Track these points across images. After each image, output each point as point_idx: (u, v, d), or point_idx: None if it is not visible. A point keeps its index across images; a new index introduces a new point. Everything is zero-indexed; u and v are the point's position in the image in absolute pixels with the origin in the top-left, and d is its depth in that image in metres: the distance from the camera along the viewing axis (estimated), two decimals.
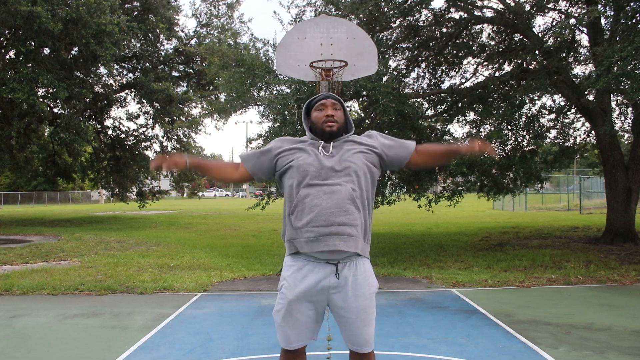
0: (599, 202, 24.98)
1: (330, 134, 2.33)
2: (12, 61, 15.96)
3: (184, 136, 21.07)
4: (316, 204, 2.21)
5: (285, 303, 2.29)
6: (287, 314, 2.29)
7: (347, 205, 2.22)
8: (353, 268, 2.29)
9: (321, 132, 2.34)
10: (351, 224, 2.22)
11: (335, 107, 2.37)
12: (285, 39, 6.08)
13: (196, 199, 35.67)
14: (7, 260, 9.37)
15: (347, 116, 2.42)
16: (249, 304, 5.94)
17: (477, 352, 4.11)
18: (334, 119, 2.34)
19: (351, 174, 2.26)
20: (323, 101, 2.38)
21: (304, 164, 2.27)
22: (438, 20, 10.54)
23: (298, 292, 2.27)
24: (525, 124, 11.27)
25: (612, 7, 9.27)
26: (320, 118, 2.35)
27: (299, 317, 2.29)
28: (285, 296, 2.29)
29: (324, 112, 2.35)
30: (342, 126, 2.38)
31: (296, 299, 2.27)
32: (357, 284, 2.28)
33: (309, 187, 2.23)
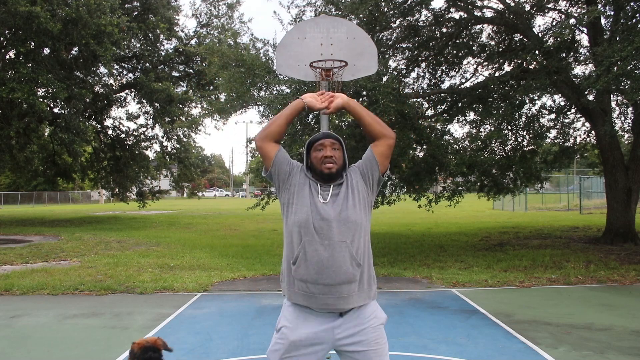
0: (599, 202, 24.98)
1: (329, 175, 2.29)
2: (12, 61, 15.96)
3: (184, 136, 21.08)
4: (317, 262, 2.17)
5: (285, 344, 2.20)
6: (286, 354, 2.19)
7: (347, 264, 2.18)
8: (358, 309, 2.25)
9: (320, 173, 2.30)
10: (352, 281, 2.19)
11: (334, 147, 2.33)
12: (285, 39, 6.08)
13: (196, 199, 35.69)
14: (7, 260, 9.36)
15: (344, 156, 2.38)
16: (249, 304, 5.94)
17: (477, 352, 4.10)
18: (333, 159, 2.30)
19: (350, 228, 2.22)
20: (322, 141, 2.35)
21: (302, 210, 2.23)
22: (438, 20, 10.54)
23: (301, 333, 2.20)
24: (525, 124, 11.27)
25: (612, 7, 9.28)
26: (319, 159, 2.31)
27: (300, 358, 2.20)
28: (286, 337, 2.21)
29: (322, 153, 2.31)
30: (341, 166, 2.33)
31: (298, 341, 2.19)
32: (364, 317, 2.24)
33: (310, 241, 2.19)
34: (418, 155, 10.79)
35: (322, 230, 2.20)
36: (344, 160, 2.36)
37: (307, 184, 2.31)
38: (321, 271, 2.17)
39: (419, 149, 10.85)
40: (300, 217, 2.24)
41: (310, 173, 2.35)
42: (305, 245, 2.20)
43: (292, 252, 2.25)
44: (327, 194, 2.28)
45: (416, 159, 10.44)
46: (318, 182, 2.31)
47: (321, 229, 2.20)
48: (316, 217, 2.22)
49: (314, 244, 2.19)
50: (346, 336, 2.20)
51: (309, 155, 2.38)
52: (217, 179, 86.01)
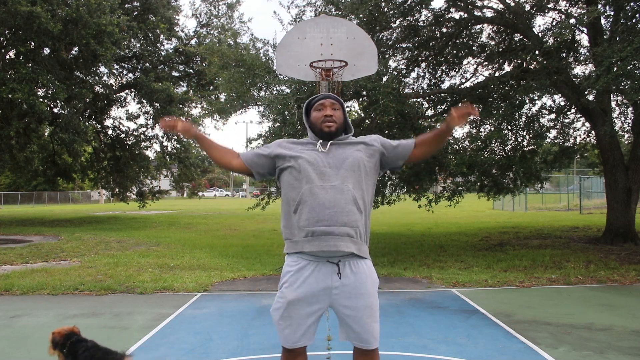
0: (599, 202, 24.98)
1: (329, 134, 2.33)
2: (12, 61, 15.95)
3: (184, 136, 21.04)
4: (318, 204, 2.20)
5: (284, 302, 2.28)
6: (285, 314, 2.28)
7: (349, 206, 2.22)
8: (355, 266, 2.30)
9: (320, 131, 2.35)
10: (352, 225, 2.23)
11: (334, 107, 2.38)
12: (285, 39, 6.09)
13: (196, 199, 35.66)
14: (7, 260, 9.36)
15: (345, 117, 2.42)
16: (249, 304, 5.94)
17: (477, 352, 4.10)
18: (333, 118, 2.34)
19: (352, 174, 2.26)
20: (322, 101, 2.39)
21: (304, 163, 2.27)
22: (438, 20, 10.54)
23: (299, 294, 2.26)
24: (525, 124, 11.27)
25: (612, 7, 9.27)
26: (319, 118, 2.36)
27: (298, 318, 2.28)
28: (285, 296, 2.28)
29: (322, 112, 2.36)
30: (341, 126, 2.38)
31: (296, 300, 2.26)
32: (360, 281, 2.29)
33: (311, 186, 2.23)
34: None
35: (322, 175, 2.23)
36: (345, 121, 2.40)
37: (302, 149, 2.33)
38: (323, 211, 2.20)
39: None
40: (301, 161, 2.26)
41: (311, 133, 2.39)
42: (305, 192, 2.23)
43: (292, 202, 2.27)
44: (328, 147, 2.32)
45: None
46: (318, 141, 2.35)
47: (322, 174, 2.23)
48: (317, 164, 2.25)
49: (314, 189, 2.22)
50: (343, 298, 2.27)
51: (308, 115, 2.41)
52: (217, 179, 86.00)
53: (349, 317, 2.30)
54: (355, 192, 2.25)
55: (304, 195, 2.23)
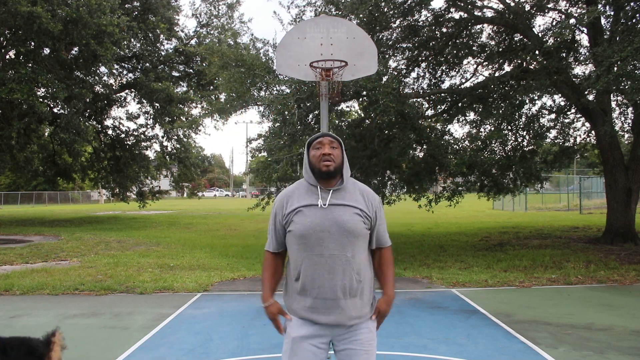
0: (599, 202, 24.98)
1: (327, 173, 2.32)
2: (12, 61, 15.95)
3: (184, 136, 21.07)
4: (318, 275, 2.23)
5: (290, 342, 2.31)
6: (292, 353, 2.29)
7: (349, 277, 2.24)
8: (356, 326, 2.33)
9: (318, 171, 2.33)
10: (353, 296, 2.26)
11: (332, 145, 2.36)
12: (285, 39, 6.08)
13: (196, 199, 35.70)
14: (7, 260, 9.36)
15: (343, 156, 2.41)
16: (249, 304, 5.94)
17: (477, 352, 4.11)
18: (331, 157, 2.32)
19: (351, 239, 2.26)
20: (320, 139, 2.38)
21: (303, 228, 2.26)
22: (438, 20, 10.54)
23: (302, 331, 2.29)
24: (525, 124, 11.27)
25: (612, 7, 9.27)
26: (317, 157, 2.34)
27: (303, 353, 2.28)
28: (289, 335, 2.32)
29: (320, 151, 2.34)
30: (340, 165, 2.36)
31: (300, 338, 2.28)
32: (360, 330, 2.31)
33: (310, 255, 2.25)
34: (418, 155, 10.80)
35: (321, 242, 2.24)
36: (343, 160, 2.39)
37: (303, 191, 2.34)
38: (322, 286, 2.23)
39: (419, 149, 10.86)
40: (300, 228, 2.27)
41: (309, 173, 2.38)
42: (304, 261, 2.26)
43: (293, 268, 2.32)
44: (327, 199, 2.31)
45: (416, 159, 10.45)
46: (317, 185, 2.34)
47: (320, 240, 2.24)
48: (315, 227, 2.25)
49: (314, 258, 2.24)
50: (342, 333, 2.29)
51: (308, 155, 2.41)
52: (217, 179, 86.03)
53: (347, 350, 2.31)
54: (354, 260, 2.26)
55: (304, 265, 2.26)
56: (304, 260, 2.25)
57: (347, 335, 2.29)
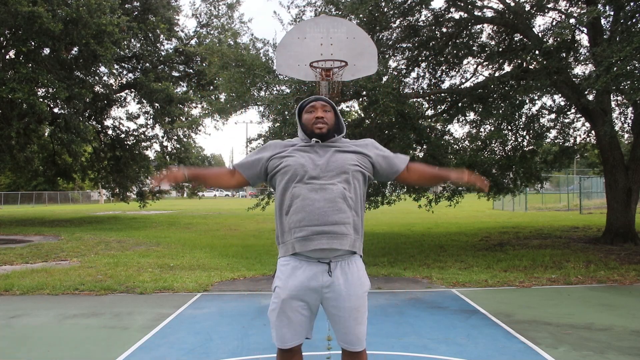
0: (599, 202, 24.98)
1: (319, 135, 2.36)
2: (12, 61, 15.95)
3: (184, 136, 21.07)
4: (308, 203, 2.23)
5: (278, 302, 2.32)
6: (281, 312, 2.32)
7: (339, 203, 2.25)
8: (345, 267, 2.32)
9: (311, 133, 2.38)
10: (343, 222, 2.25)
11: (325, 109, 2.40)
12: (285, 39, 6.09)
13: (196, 199, 35.71)
14: (7, 260, 9.36)
15: (338, 118, 2.45)
16: (249, 304, 5.94)
17: (477, 352, 4.11)
18: (324, 120, 2.37)
19: (342, 174, 2.29)
20: (313, 103, 2.42)
21: (294, 164, 2.30)
22: (438, 20, 10.54)
23: (291, 291, 2.30)
24: (525, 124, 11.27)
25: (612, 7, 9.27)
26: (310, 120, 2.39)
27: (292, 315, 2.31)
28: (279, 295, 2.33)
29: (313, 114, 2.39)
30: (333, 127, 2.41)
31: (289, 298, 2.30)
32: (349, 283, 2.31)
33: (301, 187, 2.26)
34: (418, 155, 10.79)
35: (313, 176, 2.26)
36: (336, 122, 2.43)
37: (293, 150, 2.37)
38: (313, 211, 2.23)
39: (419, 149, 10.85)
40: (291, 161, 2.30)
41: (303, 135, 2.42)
42: (295, 193, 2.26)
43: (284, 202, 2.31)
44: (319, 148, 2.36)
45: (416, 159, 10.44)
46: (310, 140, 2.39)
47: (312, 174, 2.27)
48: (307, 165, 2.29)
49: (305, 190, 2.25)
50: (332, 298, 2.30)
51: (300, 118, 2.44)
52: None
53: (335, 317, 2.35)
54: (345, 189, 2.27)
55: (294, 197, 2.26)
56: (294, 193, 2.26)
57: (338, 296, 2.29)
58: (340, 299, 2.30)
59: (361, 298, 2.35)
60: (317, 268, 2.28)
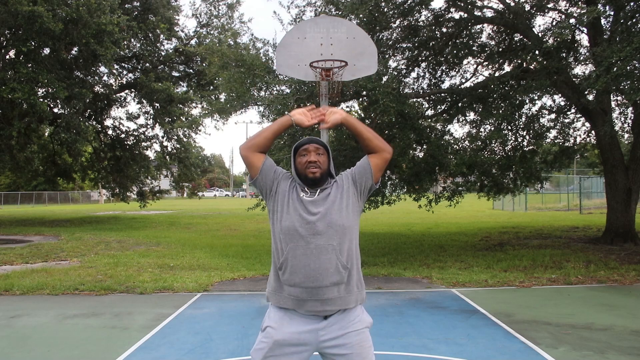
0: (599, 202, 24.98)
1: (313, 180, 2.29)
2: (12, 61, 15.95)
3: (184, 136, 21.07)
4: (303, 266, 2.18)
5: (269, 342, 2.21)
6: (269, 353, 2.20)
7: (334, 266, 2.19)
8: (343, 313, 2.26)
9: (305, 178, 2.31)
10: (339, 283, 2.20)
11: (318, 151, 2.33)
12: (285, 39, 6.08)
13: (196, 199, 35.68)
14: (7, 260, 9.36)
15: (329, 162, 2.38)
16: (249, 304, 5.94)
17: (477, 352, 4.11)
18: (317, 164, 2.30)
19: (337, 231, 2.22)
20: (306, 146, 2.35)
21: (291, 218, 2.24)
22: (438, 20, 10.54)
23: (285, 334, 2.21)
24: (525, 124, 11.27)
25: (612, 7, 9.27)
26: (303, 164, 2.31)
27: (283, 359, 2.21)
28: (271, 336, 2.22)
29: (306, 158, 2.32)
30: (326, 172, 2.34)
31: (283, 340, 2.20)
32: (349, 320, 2.24)
33: (296, 246, 2.20)
34: (418, 155, 10.79)
35: (307, 234, 2.21)
36: (329, 165, 2.37)
37: (294, 189, 2.32)
38: (308, 275, 2.18)
39: (419, 149, 10.85)
40: (286, 223, 2.25)
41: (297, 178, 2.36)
42: (290, 251, 2.21)
43: (278, 258, 2.27)
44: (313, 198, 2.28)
45: (416, 159, 10.44)
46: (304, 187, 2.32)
47: (307, 233, 2.21)
48: (302, 222, 2.22)
49: (300, 249, 2.20)
50: (330, 339, 2.21)
51: (294, 160, 2.39)
52: (217, 179, 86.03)
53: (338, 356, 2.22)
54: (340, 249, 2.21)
55: (289, 255, 2.21)
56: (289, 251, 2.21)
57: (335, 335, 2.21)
58: (341, 336, 2.21)
59: (362, 333, 2.25)
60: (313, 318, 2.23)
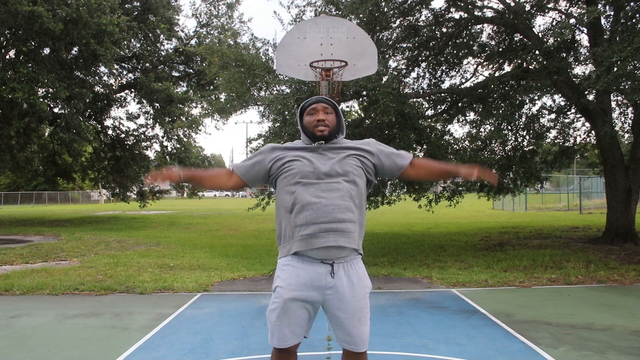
0: (599, 202, 24.98)
1: (321, 137, 2.35)
2: (12, 61, 15.95)
3: (184, 136, 21.08)
4: (315, 201, 2.22)
5: (280, 302, 2.31)
6: (282, 312, 2.30)
7: (346, 201, 2.25)
8: (347, 268, 2.32)
9: (312, 136, 2.36)
10: (350, 220, 2.26)
11: (326, 111, 2.38)
12: (285, 39, 6.09)
13: (196, 199, 35.69)
14: (7, 260, 9.36)
15: (339, 119, 2.42)
16: (249, 304, 5.94)
17: (477, 352, 4.11)
18: (325, 123, 2.35)
19: (348, 175, 2.29)
20: (314, 105, 2.39)
21: (300, 166, 2.29)
22: (438, 20, 10.54)
23: (293, 291, 2.29)
24: (525, 124, 11.27)
25: (612, 7, 9.27)
26: (312, 122, 2.37)
27: (293, 315, 2.30)
28: (281, 295, 2.31)
29: (314, 117, 2.37)
30: (334, 129, 2.39)
31: (291, 298, 2.29)
32: (352, 284, 2.31)
33: (307, 186, 2.25)
34: (418, 155, 10.79)
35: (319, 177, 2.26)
36: (338, 124, 2.41)
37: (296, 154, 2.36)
38: (319, 210, 2.22)
39: (419, 149, 10.85)
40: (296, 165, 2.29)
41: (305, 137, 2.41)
42: (300, 191, 2.25)
43: (287, 203, 2.29)
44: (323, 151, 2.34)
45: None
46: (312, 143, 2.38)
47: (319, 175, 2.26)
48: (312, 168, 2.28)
49: (311, 188, 2.24)
50: (334, 300, 2.30)
51: (301, 119, 2.42)
52: None
53: (338, 319, 2.33)
54: (352, 189, 2.27)
55: (301, 196, 2.24)
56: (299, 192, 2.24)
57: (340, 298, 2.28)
58: (344, 300, 2.29)
59: (364, 299, 2.35)
60: (320, 269, 2.28)
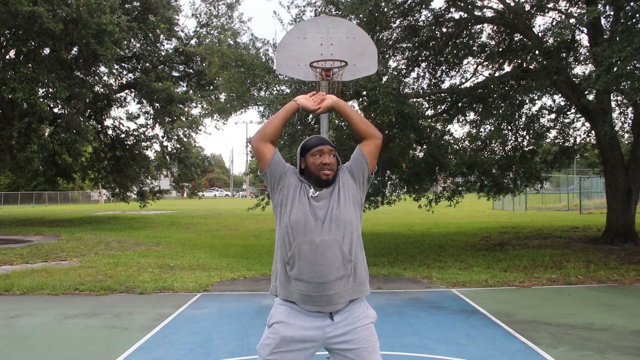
0: (599, 202, 24.97)
1: (326, 182, 2.33)
2: (12, 61, 15.95)
3: (184, 136, 21.07)
4: (310, 261, 2.21)
5: (276, 338, 2.23)
6: (276, 350, 2.22)
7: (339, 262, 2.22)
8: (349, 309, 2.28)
9: (317, 179, 2.34)
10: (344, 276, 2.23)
11: (331, 154, 2.38)
12: (285, 39, 6.08)
13: (196, 199, 35.67)
14: (7, 260, 9.36)
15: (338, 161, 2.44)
16: (249, 304, 5.94)
17: (477, 352, 4.11)
18: (331, 167, 2.34)
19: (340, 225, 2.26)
20: (321, 147, 2.37)
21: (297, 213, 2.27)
22: (438, 20, 10.54)
23: (292, 330, 2.23)
24: (525, 124, 11.27)
25: (612, 7, 9.27)
26: (317, 165, 2.34)
27: (290, 355, 2.23)
28: (278, 332, 2.24)
29: (321, 159, 2.34)
30: (336, 172, 2.38)
31: (290, 337, 2.22)
32: (355, 317, 2.27)
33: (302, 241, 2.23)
34: (418, 155, 10.80)
35: (314, 229, 2.24)
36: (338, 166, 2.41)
37: (300, 185, 2.35)
38: (314, 271, 2.21)
39: (419, 149, 10.86)
40: (293, 218, 2.28)
41: (303, 177, 2.38)
42: (298, 246, 2.24)
43: (285, 252, 2.29)
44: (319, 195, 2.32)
45: (416, 159, 10.44)
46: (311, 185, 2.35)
47: (314, 228, 2.25)
48: (309, 217, 2.26)
49: (306, 244, 2.23)
50: (337, 335, 2.24)
51: (303, 159, 2.40)
52: (217, 179, 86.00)
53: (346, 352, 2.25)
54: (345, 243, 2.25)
55: (296, 251, 2.24)
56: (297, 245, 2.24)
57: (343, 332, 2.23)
58: (347, 333, 2.24)
59: (369, 328, 2.29)
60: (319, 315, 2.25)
